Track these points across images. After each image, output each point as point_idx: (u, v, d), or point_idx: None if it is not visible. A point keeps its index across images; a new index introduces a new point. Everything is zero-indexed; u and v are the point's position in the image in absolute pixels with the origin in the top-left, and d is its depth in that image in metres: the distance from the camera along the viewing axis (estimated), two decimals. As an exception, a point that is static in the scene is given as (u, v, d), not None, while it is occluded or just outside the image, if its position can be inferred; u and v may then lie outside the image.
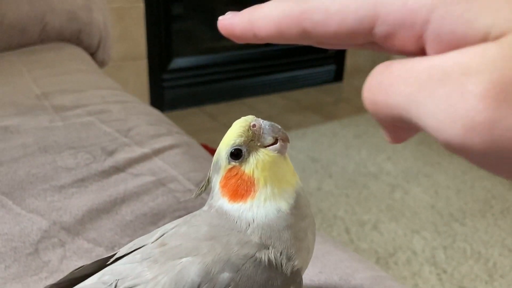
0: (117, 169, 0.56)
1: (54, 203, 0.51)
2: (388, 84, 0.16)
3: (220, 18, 0.21)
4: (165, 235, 0.31)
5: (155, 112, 0.75)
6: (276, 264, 0.29)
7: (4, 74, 0.84)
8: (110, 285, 0.29)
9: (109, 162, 0.57)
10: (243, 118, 0.31)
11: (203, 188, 0.33)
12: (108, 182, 0.54)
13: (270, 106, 2.11)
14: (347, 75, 2.53)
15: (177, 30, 1.98)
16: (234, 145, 0.30)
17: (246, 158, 0.30)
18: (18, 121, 0.65)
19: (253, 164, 0.30)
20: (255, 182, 0.30)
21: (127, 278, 0.29)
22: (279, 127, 0.31)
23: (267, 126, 0.31)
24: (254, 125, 0.31)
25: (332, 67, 2.47)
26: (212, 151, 0.74)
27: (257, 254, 0.28)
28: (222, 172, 0.31)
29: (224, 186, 0.30)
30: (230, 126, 0.32)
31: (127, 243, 0.48)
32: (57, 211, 0.50)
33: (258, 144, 0.30)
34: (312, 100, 2.22)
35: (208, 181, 0.33)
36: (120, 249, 0.33)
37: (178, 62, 2.01)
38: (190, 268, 0.28)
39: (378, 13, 0.16)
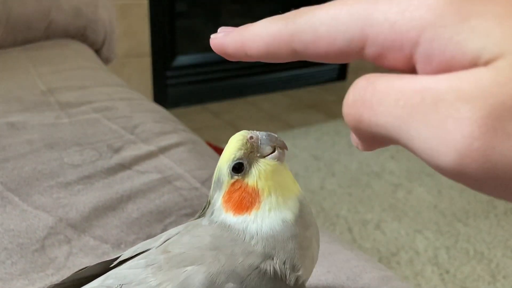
0: (123, 166, 0.56)
1: (60, 200, 0.51)
2: (375, 103, 0.15)
3: (212, 36, 0.21)
4: (167, 242, 0.31)
5: (160, 109, 0.75)
6: (280, 275, 0.29)
7: (10, 70, 0.84)
8: None
9: (115, 159, 0.57)
10: (238, 133, 0.32)
11: (206, 209, 0.33)
12: (114, 179, 0.54)
13: (273, 104, 2.11)
14: (351, 74, 2.52)
15: (181, 28, 1.98)
16: (235, 159, 0.30)
17: (248, 171, 0.30)
18: (24, 117, 0.65)
19: (256, 175, 0.30)
20: (259, 192, 0.30)
21: (131, 283, 0.29)
22: (276, 135, 0.32)
23: (264, 136, 0.31)
24: (251, 137, 0.31)
25: (335, 66, 2.47)
26: (215, 149, 0.74)
27: (262, 265, 0.28)
28: (225, 188, 0.30)
29: (227, 201, 0.30)
30: (233, 124, 0.32)
31: (133, 240, 0.48)
32: (63, 208, 0.50)
33: (258, 155, 0.31)
34: (315, 98, 2.22)
35: (209, 202, 0.33)
36: (124, 252, 0.33)
37: (182, 59, 2.01)
38: (195, 278, 0.28)
39: (367, 35, 0.16)
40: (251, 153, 0.31)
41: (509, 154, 0.13)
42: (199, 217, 0.33)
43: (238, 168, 0.30)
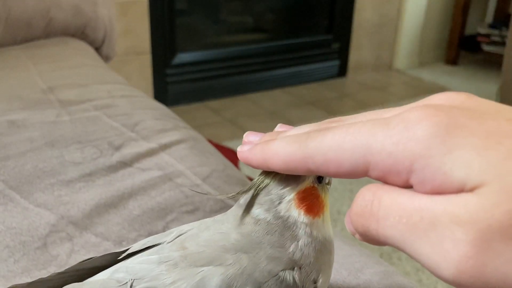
0: (124, 164, 0.56)
1: (61, 198, 0.51)
2: (381, 217, 0.18)
3: (239, 149, 0.25)
4: (183, 237, 0.31)
5: (161, 106, 0.75)
6: (298, 285, 0.29)
7: (10, 68, 0.84)
8: (125, 284, 0.28)
9: (116, 157, 0.57)
10: None
11: (245, 192, 0.30)
12: (115, 177, 0.54)
13: (274, 101, 2.11)
14: (351, 71, 2.52)
15: (181, 25, 1.98)
16: None
17: (322, 184, 0.31)
18: (24, 115, 0.65)
19: (324, 191, 0.31)
20: (323, 206, 0.31)
21: (144, 279, 0.28)
22: None
23: None
24: None
25: (336, 63, 2.47)
26: (215, 146, 0.74)
27: (281, 273, 0.28)
28: (301, 186, 0.30)
29: (301, 199, 0.30)
30: (233, 121, 0.32)
31: (134, 238, 0.49)
32: (65, 206, 0.50)
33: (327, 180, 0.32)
34: (315, 95, 2.22)
35: (254, 186, 0.30)
36: (133, 245, 0.33)
37: (182, 57, 2.01)
38: (211, 278, 0.27)
39: (369, 162, 0.18)
40: None
41: (499, 269, 0.15)
42: (234, 197, 0.30)
43: (320, 178, 0.31)
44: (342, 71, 2.49)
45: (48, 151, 0.57)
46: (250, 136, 0.26)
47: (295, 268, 0.29)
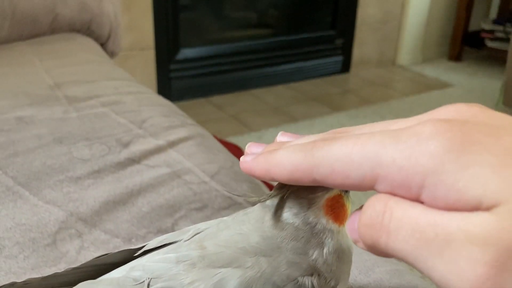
0: (133, 160, 0.56)
1: (70, 194, 0.51)
2: (393, 230, 0.17)
3: (242, 159, 0.24)
4: (202, 235, 0.30)
5: (168, 103, 0.75)
6: None
7: (16, 64, 0.84)
8: (142, 282, 0.28)
9: (125, 153, 0.57)
10: None
11: (277, 196, 0.30)
12: (124, 174, 0.54)
13: (277, 97, 2.11)
14: (354, 66, 2.52)
15: (184, 21, 1.97)
16: None
17: (348, 193, 0.31)
18: (32, 111, 0.65)
19: (348, 200, 0.31)
20: (346, 215, 0.31)
21: (161, 278, 0.28)
22: None
23: None
24: None
25: (339, 58, 2.46)
26: (220, 142, 0.74)
27: (300, 278, 0.28)
28: (330, 194, 0.30)
29: (329, 206, 0.30)
30: (237, 117, 0.31)
31: (144, 235, 0.49)
32: (74, 202, 0.50)
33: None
34: (319, 91, 2.21)
35: (288, 190, 0.29)
36: (149, 242, 0.33)
37: (186, 52, 2.01)
38: (229, 280, 0.27)
39: (377, 174, 0.18)
40: None
41: None
42: (264, 201, 0.30)
43: None
44: (345, 67, 2.49)
45: (57, 148, 0.57)
46: (252, 148, 0.25)
47: (314, 275, 0.29)
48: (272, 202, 0.30)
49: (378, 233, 0.17)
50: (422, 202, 0.17)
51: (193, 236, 0.31)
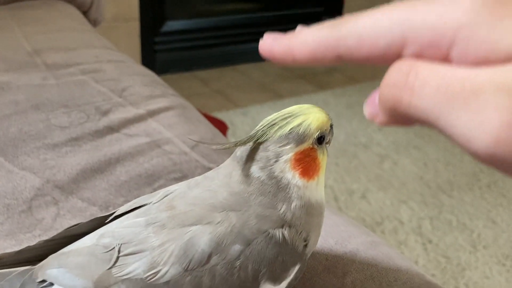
0: (111, 129, 0.55)
1: (47, 161, 0.50)
2: (417, 87, 0.16)
3: (261, 41, 0.23)
4: (171, 196, 0.30)
5: (149, 73, 0.74)
6: (288, 241, 0.29)
7: (-6, 29, 0.81)
8: (112, 249, 0.28)
9: (103, 122, 0.56)
10: (322, 110, 0.32)
11: (242, 144, 0.29)
12: (102, 142, 0.53)
13: (264, 73, 2.09)
14: (341, 45, 2.50)
15: (170, -8, 1.94)
16: (323, 131, 0.31)
17: (322, 146, 0.31)
18: (9, 77, 0.64)
19: (322, 153, 0.31)
20: (319, 168, 0.31)
21: (131, 243, 0.28)
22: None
23: (332, 128, 0.32)
24: (331, 123, 0.32)
25: (326, 36, 2.44)
26: (204, 116, 0.73)
27: (271, 230, 0.28)
28: (300, 148, 0.29)
29: (298, 160, 0.29)
30: (221, 92, 0.31)
31: (121, 203, 0.48)
32: (51, 169, 0.50)
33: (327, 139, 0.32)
34: (305, 69, 2.20)
35: (253, 139, 0.29)
36: (119, 208, 0.32)
37: (171, 25, 1.97)
38: (200, 237, 0.27)
39: (407, 37, 0.17)
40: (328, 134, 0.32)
41: None
42: (229, 148, 0.30)
43: (320, 139, 0.30)
44: (332, 45, 2.47)
45: (34, 115, 0.56)
46: (271, 34, 0.24)
47: (285, 226, 0.29)
48: (241, 154, 0.30)
49: (402, 92, 0.17)
50: (449, 62, 0.17)
51: (162, 198, 0.30)
